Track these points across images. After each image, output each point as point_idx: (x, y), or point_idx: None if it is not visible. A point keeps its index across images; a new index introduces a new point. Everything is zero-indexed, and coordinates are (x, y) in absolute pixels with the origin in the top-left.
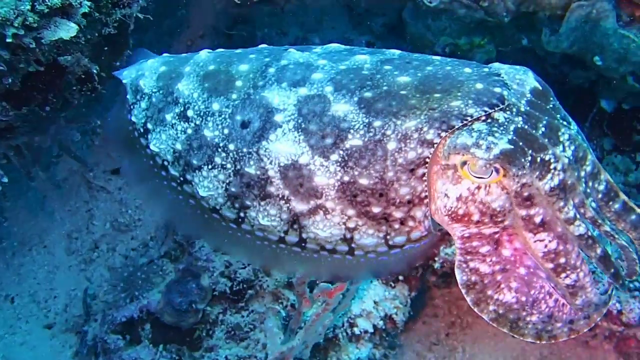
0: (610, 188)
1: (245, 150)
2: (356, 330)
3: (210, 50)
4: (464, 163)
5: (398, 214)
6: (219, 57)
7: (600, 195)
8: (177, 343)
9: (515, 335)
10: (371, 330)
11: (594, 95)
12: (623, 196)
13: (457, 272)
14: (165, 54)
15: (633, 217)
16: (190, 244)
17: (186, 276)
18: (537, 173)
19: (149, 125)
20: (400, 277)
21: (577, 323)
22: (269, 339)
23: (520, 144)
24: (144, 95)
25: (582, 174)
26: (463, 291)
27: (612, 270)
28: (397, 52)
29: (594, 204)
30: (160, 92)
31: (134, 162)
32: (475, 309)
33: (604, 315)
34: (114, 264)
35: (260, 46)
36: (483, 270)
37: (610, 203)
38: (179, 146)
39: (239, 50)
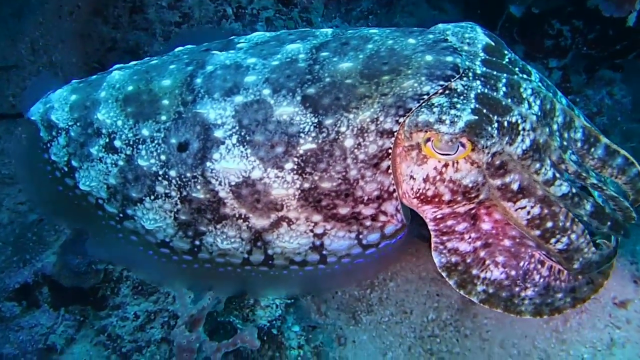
0: (589, 133)
1: (188, 174)
2: None
3: (122, 66)
4: (427, 140)
5: (368, 211)
6: (135, 75)
7: (579, 144)
8: (80, 304)
9: (512, 314)
10: None
11: (502, 0)
12: (604, 139)
13: (434, 255)
14: (73, 81)
15: (618, 160)
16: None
17: (82, 234)
18: (507, 138)
19: (74, 163)
20: None
21: (580, 290)
22: (177, 298)
23: (484, 111)
24: (60, 131)
25: (555, 126)
26: (444, 274)
27: (609, 222)
28: (329, 31)
29: (574, 157)
30: (78, 124)
31: (60, 208)
32: (462, 292)
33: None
34: (1, 219)
35: (176, 49)
36: (463, 249)
37: (592, 150)
38: (112, 180)
39: (154, 61)
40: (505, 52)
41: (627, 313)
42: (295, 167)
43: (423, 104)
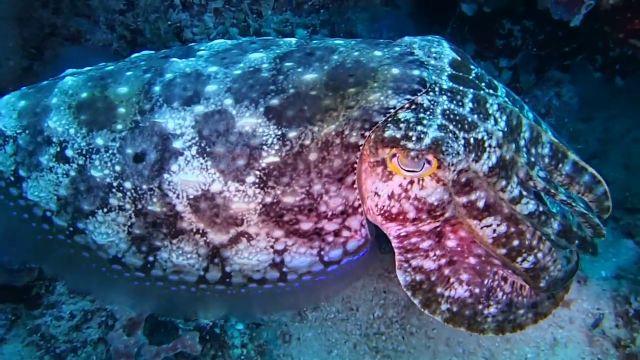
0: (556, 149)
1: (145, 187)
2: None
3: (75, 71)
4: (393, 156)
5: (331, 227)
6: (89, 81)
7: (547, 160)
8: (12, 302)
9: (475, 332)
10: None
11: None
12: (572, 155)
13: (398, 273)
14: (23, 87)
15: (586, 177)
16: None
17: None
18: (473, 155)
19: (22, 172)
20: None
21: (541, 305)
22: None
23: (450, 127)
24: (7, 139)
25: (522, 142)
26: (408, 294)
27: (577, 241)
28: (293, 40)
29: (542, 173)
30: (27, 132)
31: (3, 219)
32: (426, 311)
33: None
34: None
35: (133, 56)
36: (427, 267)
37: (560, 165)
38: (63, 192)
39: (110, 67)
40: (472, 66)
41: (570, 312)
42: (257, 180)
43: (389, 119)
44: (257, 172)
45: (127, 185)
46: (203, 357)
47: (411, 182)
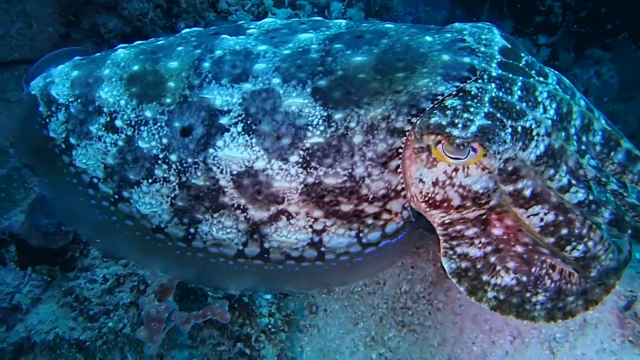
0: (609, 137)
1: (190, 160)
2: None
3: (127, 45)
4: (438, 142)
5: (371, 210)
6: (141, 54)
7: (598, 148)
8: (47, 264)
9: (525, 320)
10: None
11: None
12: (625, 143)
13: (443, 260)
14: (76, 57)
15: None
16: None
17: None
18: (520, 144)
19: (72, 140)
20: None
21: (592, 292)
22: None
23: (498, 115)
24: (59, 107)
25: (572, 130)
26: (454, 281)
27: (630, 230)
28: (344, 22)
29: (593, 162)
30: (79, 101)
31: (55, 183)
32: (473, 299)
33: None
34: None
35: (183, 31)
36: (473, 254)
37: (612, 154)
38: (110, 160)
39: (161, 41)
40: (522, 54)
41: None
42: (301, 160)
43: (436, 105)
44: (301, 152)
45: (173, 157)
46: (231, 325)
47: (456, 170)
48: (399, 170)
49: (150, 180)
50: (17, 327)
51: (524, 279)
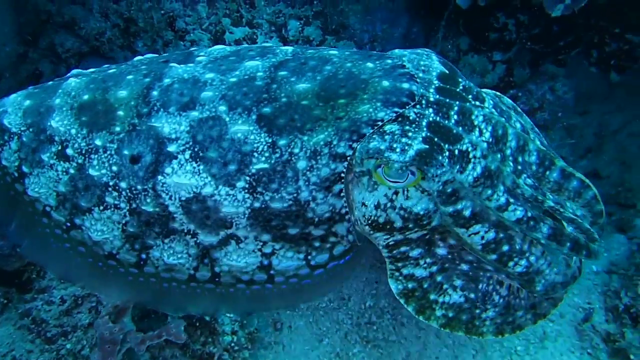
0: (543, 157)
1: (139, 187)
2: None
3: (79, 72)
4: (378, 166)
5: (318, 232)
6: (92, 83)
7: (534, 167)
8: (3, 286)
9: (474, 336)
10: None
11: None
12: (559, 162)
13: (390, 282)
14: (30, 87)
15: (574, 183)
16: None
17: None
18: (457, 166)
19: (25, 168)
20: None
21: (540, 306)
22: None
23: (435, 139)
24: (12, 136)
25: (508, 152)
26: (401, 301)
27: (569, 244)
28: (290, 49)
29: (529, 180)
30: (31, 130)
31: (8, 212)
32: (421, 318)
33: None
34: None
35: (135, 59)
36: (419, 275)
37: (547, 173)
38: (62, 188)
39: (112, 69)
40: (460, 79)
41: (560, 307)
42: (247, 186)
43: (375, 130)
44: (247, 178)
45: (123, 185)
46: (193, 343)
47: (396, 193)
48: (342, 194)
49: (101, 207)
50: None
51: (472, 295)
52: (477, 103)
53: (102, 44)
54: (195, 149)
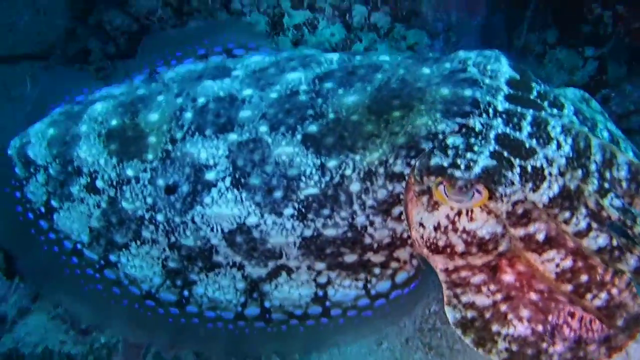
0: (636, 171)
1: (177, 220)
2: None
3: (106, 94)
4: (440, 184)
5: (378, 259)
6: (120, 107)
7: (625, 184)
8: None
9: None
10: None
11: None
12: None
13: (446, 309)
14: (55, 111)
15: None
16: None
17: None
18: (530, 185)
19: (54, 203)
20: None
21: (615, 339)
22: None
23: (505, 154)
24: (38, 168)
25: (592, 167)
26: (458, 332)
27: None
28: (336, 56)
29: (617, 201)
30: (57, 161)
31: (30, 255)
32: (480, 351)
33: None
34: None
35: (166, 76)
36: (480, 303)
37: None
38: (95, 223)
39: (141, 90)
40: (533, 84)
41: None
42: (296, 213)
43: (436, 144)
44: (296, 204)
45: (160, 217)
46: None
47: (459, 213)
48: (402, 217)
49: (138, 242)
50: (3, 339)
51: (540, 328)
52: (555, 111)
53: (153, 22)
54: (236, 176)
